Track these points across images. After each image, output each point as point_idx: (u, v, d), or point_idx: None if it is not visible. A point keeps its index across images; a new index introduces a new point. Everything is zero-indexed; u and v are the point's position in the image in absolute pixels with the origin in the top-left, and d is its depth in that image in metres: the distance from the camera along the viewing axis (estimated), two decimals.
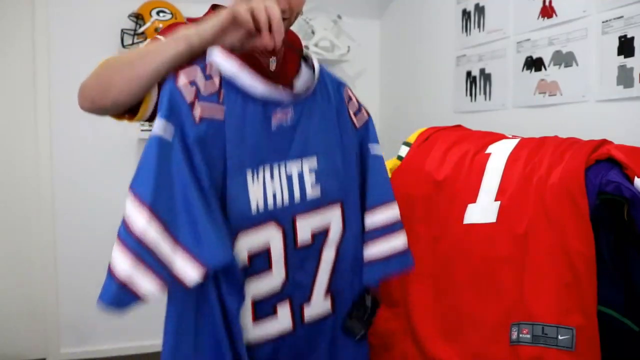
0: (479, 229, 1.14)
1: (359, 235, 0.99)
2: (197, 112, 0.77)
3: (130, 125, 2.34)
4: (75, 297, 2.45)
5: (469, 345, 1.11)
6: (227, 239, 0.79)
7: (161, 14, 2.34)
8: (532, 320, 1.00)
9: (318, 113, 0.93)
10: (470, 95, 2.07)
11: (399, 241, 1.00)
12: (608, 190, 0.97)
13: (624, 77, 1.37)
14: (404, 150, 1.42)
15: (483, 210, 1.15)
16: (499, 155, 1.22)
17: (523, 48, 1.76)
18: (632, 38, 1.34)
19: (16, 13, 2.35)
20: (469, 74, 2.08)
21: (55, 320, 2.46)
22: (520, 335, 1.01)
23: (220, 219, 0.79)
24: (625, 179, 0.96)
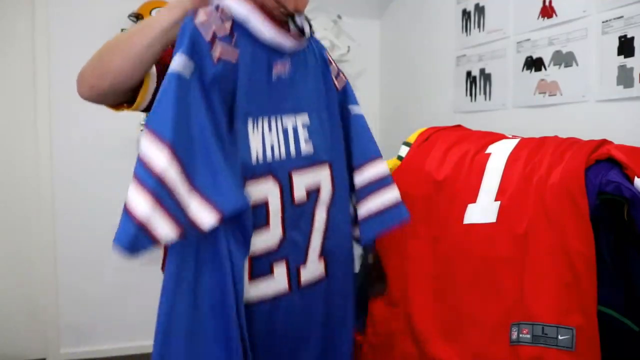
0: (479, 229, 1.14)
1: (347, 198, 0.99)
2: (216, 52, 0.75)
3: (130, 126, 2.34)
4: (75, 297, 2.45)
5: (469, 345, 1.11)
6: (241, 185, 0.77)
7: None
8: (532, 320, 1.00)
9: (310, 70, 0.93)
10: (470, 95, 2.07)
11: (392, 194, 1.00)
12: (608, 190, 0.97)
13: (624, 77, 1.37)
14: (404, 150, 1.42)
15: (483, 210, 1.15)
16: (499, 155, 1.22)
17: (523, 48, 1.76)
18: (632, 38, 1.34)
19: (16, 13, 2.35)
20: (469, 74, 2.08)
21: (55, 320, 2.46)
22: (520, 335, 1.01)
23: (236, 164, 0.76)
24: (625, 179, 0.96)
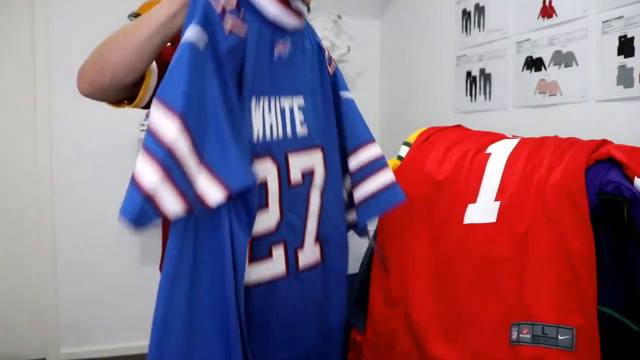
0: (479, 229, 1.14)
1: (340, 183, 0.99)
2: (227, 24, 0.74)
3: (130, 126, 2.35)
4: (74, 297, 2.45)
5: (469, 345, 1.10)
6: (249, 162, 0.76)
7: None
8: (532, 320, 1.00)
9: (307, 53, 0.93)
10: (470, 95, 2.07)
11: (387, 176, 1.00)
12: (608, 190, 0.97)
13: (624, 77, 1.37)
14: (404, 150, 1.42)
15: (483, 210, 1.15)
16: (499, 155, 1.22)
17: (523, 48, 1.76)
18: (632, 38, 1.34)
19: (16, 13, 2.35)
20: (469, 74, 2.08)
21: (55, 321, 2.46)
22: (520, 335, 1.01)
23: (245, 141, 0.75)
24: (625, 179, 0.96)
